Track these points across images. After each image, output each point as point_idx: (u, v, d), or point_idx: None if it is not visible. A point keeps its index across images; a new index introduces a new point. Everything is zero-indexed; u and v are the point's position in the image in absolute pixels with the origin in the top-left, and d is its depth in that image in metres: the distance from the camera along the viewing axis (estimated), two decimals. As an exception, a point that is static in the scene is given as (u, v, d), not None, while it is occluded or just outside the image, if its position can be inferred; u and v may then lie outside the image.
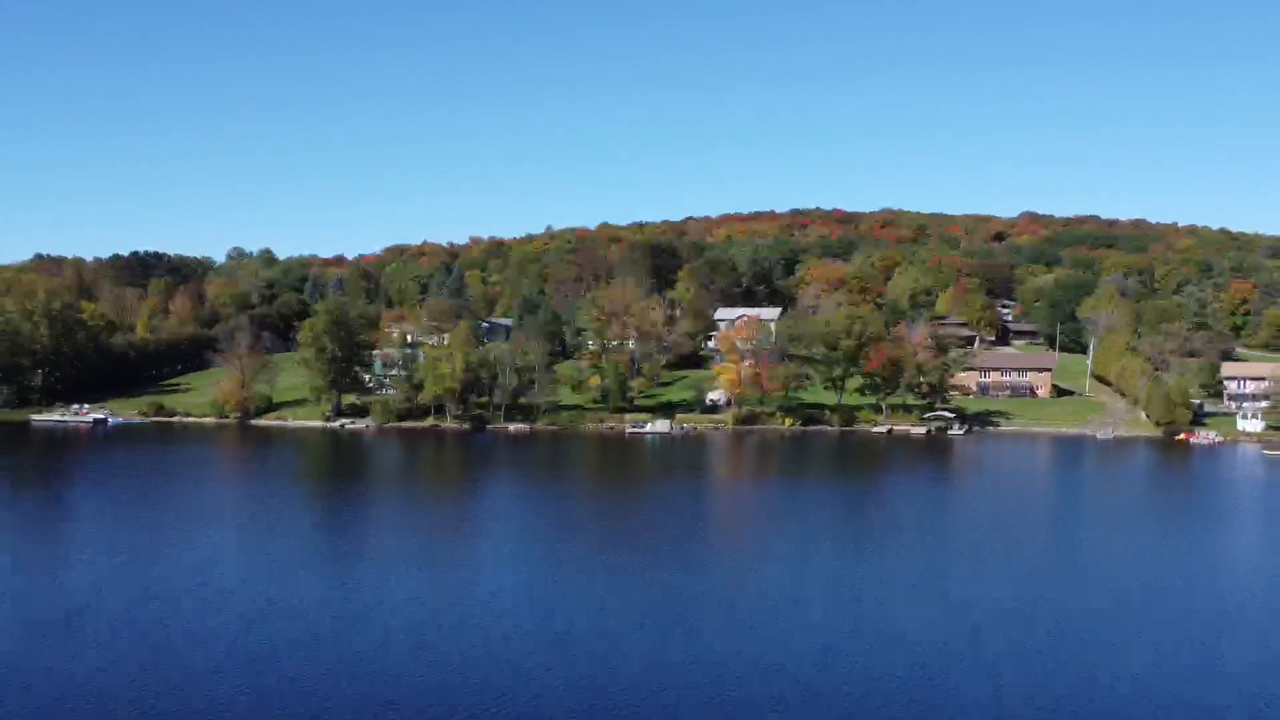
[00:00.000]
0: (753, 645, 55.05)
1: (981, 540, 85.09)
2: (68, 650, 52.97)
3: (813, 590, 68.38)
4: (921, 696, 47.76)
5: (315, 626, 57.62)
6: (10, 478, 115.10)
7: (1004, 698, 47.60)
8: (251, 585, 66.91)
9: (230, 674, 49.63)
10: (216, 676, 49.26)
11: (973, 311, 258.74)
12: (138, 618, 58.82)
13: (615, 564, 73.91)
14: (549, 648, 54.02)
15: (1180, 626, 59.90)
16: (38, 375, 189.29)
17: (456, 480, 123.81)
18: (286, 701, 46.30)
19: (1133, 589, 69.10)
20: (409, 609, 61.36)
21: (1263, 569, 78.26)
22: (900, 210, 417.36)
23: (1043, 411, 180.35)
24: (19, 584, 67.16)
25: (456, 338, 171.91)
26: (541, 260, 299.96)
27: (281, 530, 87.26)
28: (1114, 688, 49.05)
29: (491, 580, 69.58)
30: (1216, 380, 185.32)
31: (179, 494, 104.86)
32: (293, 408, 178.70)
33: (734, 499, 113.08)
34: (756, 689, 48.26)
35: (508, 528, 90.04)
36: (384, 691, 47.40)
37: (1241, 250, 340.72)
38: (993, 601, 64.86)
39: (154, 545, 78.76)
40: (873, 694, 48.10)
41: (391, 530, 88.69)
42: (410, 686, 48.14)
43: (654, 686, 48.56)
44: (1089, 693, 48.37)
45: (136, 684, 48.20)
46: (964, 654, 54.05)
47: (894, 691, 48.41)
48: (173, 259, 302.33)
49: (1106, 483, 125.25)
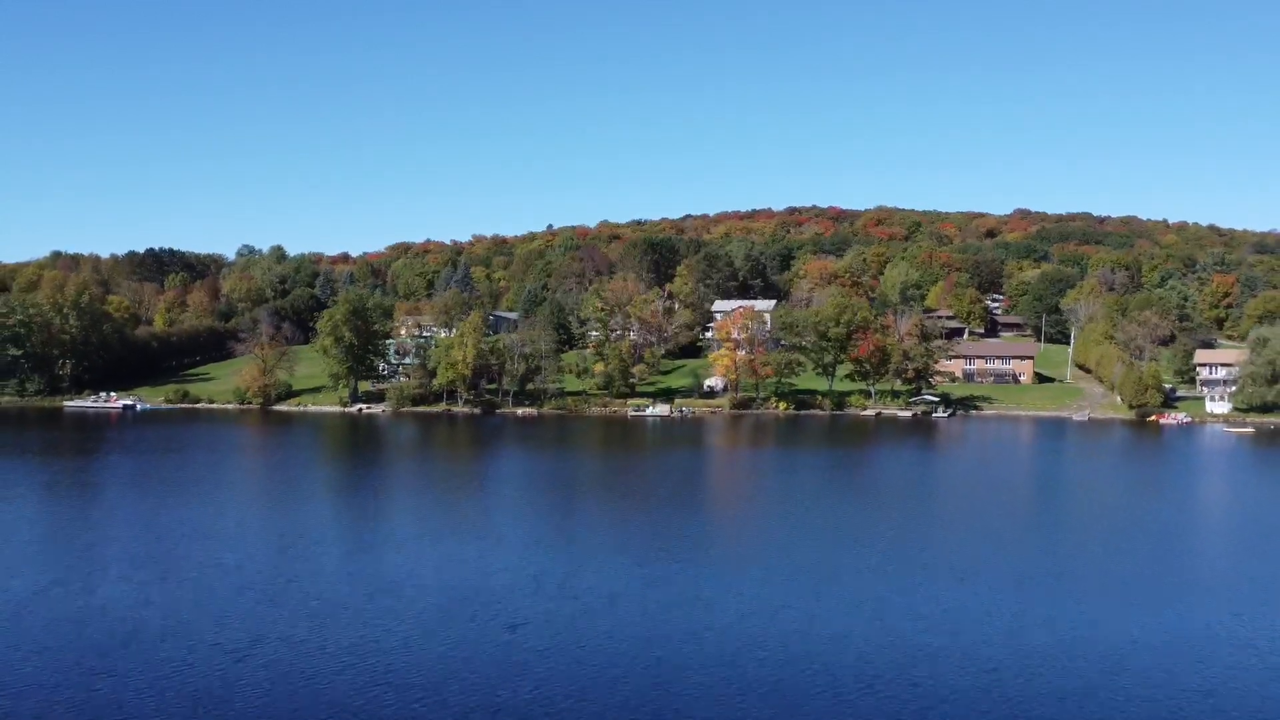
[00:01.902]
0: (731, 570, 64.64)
1: (961, 483, 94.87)
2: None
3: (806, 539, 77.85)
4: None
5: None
6: (77, 453, 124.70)
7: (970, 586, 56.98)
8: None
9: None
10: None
11: (962, 305, 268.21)
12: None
13: (627, 510, 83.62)
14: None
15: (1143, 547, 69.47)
16: (67, 365, 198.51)
17: (475, 450, 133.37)
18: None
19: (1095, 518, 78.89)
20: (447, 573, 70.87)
21: (1214, 508, 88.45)
22: (894, 208, 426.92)
23: (1024, 396, 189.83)
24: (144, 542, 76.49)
25: (468, 326, 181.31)
26: (545, 256, 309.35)
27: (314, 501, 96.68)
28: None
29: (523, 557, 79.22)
30: (1190, 366, 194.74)
31: (258, 466, 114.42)
32: (311, 394, 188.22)
33: (731, 460, 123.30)
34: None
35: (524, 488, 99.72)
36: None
37: (1227, 246, 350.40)
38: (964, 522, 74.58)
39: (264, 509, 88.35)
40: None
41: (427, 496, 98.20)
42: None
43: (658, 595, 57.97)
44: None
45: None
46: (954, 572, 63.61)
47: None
48: (187, 256, 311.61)
49: (1078, 450, 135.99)
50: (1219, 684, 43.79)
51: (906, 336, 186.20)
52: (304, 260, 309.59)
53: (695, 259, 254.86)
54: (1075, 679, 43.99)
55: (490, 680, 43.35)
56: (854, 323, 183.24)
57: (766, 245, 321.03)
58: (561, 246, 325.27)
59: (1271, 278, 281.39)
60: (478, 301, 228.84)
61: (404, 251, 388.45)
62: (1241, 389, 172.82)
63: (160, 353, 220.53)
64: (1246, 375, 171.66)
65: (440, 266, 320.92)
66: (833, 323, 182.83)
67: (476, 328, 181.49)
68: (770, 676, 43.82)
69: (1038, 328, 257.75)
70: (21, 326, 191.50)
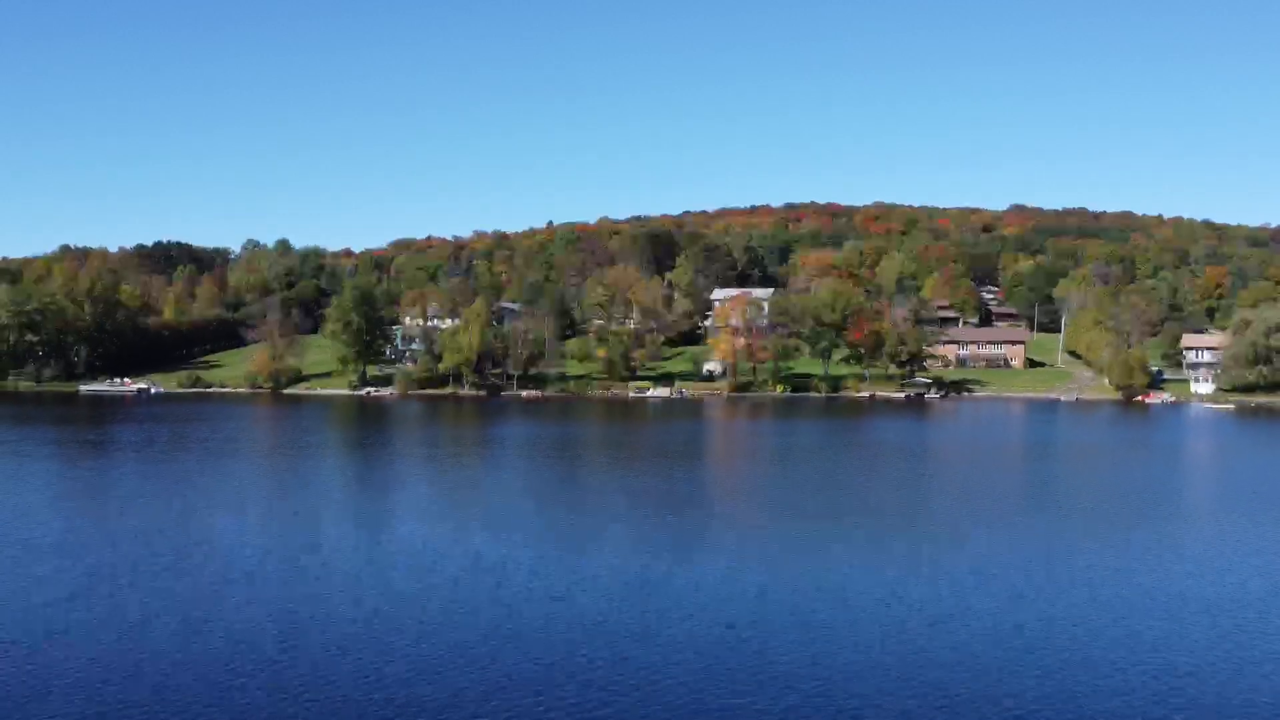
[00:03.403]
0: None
1: (953, 443, 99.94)
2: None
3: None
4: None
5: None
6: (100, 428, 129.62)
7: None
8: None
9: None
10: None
11: (958, 295, 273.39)
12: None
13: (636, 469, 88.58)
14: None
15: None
16: (81, 351, 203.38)
17: (483, 420, 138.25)
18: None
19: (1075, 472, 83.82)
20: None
21: (1191, 465, 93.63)
22: (892, 204, 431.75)
23: (1015, 380, 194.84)
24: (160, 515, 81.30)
25: (473, 312, 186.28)
26: (547, 250, 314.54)
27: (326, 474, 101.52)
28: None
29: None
30: (1177, 351, 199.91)
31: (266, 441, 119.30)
32: (320, 379, 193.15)
33: (730, 428, 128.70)
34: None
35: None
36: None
37: (1221, 240, 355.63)
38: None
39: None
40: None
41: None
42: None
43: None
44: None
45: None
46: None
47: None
48: (194, 249, 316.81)
49: (1067, 421, 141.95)
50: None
51: (901, 321, 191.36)
52: (309, 253, 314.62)
53: (694, 250, 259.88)
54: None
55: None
56: (849, 308, 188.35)
57: (765, 240, 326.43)
58: (562, 241, 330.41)
59: (1263, 270, 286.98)
60: (483, 288, 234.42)
61: (405, 247, 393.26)
62: (1225, 370, 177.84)
63: (171, 342, 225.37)
64: (1229, 356, 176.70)
65: (442, 260, 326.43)
66: (828, 308, 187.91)
67: (481, 313, 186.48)
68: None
69: (1031, 318, 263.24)
70: (37, 313, 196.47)
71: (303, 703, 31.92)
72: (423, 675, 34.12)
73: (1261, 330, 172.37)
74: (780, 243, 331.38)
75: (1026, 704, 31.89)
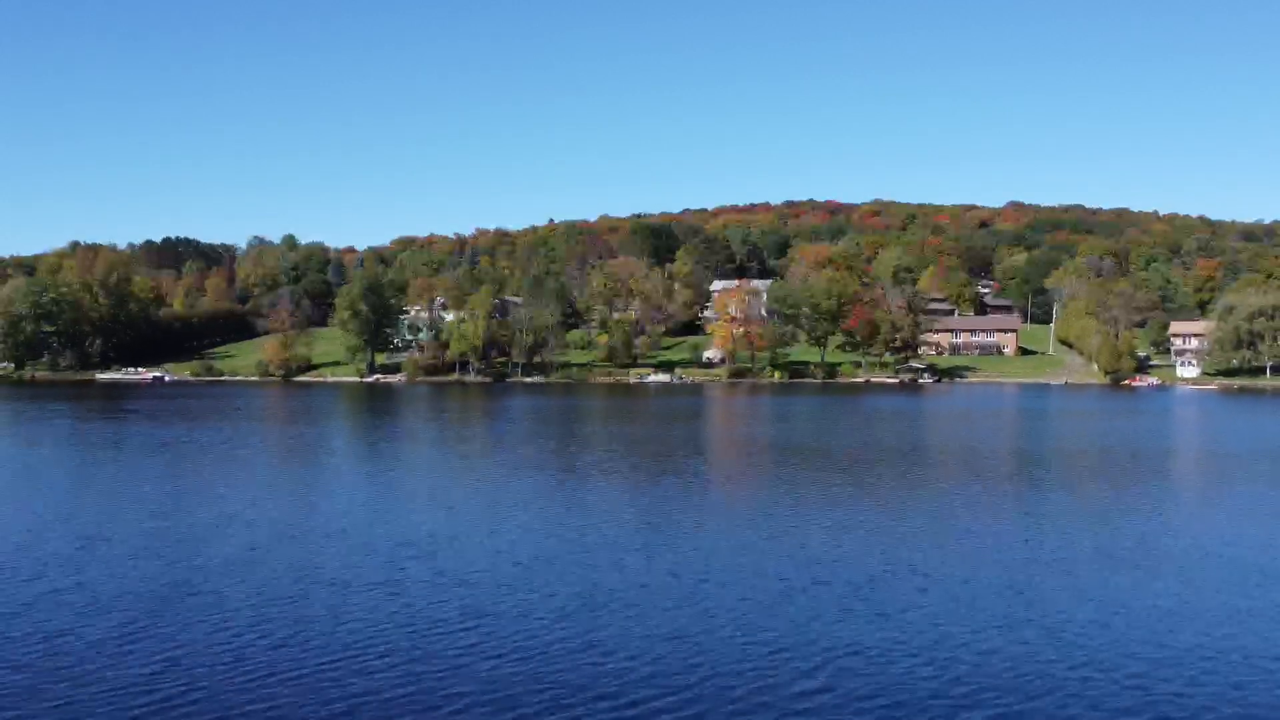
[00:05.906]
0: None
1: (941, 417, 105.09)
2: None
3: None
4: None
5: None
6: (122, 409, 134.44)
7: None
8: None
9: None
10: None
11: (953, 288, 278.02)
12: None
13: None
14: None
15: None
16: (96, 342, 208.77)
17: (490, 400, 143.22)
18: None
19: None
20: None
21: (1175, 430, 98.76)
22: (890, 201, 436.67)
23: (1007, 366, 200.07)
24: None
25: (478, 300, 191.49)
26: (549, 244, 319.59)
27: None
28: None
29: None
30: (1165, 339, 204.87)
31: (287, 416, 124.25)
32: (330, 367, 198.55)
33: (730, 403, 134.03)
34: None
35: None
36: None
37: (1215, 235, 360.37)
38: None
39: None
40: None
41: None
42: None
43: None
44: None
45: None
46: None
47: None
48: (202, 245, 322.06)
49: (1059, 398, 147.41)
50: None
51: (896, 309, 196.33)
52: (314, 249, 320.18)
53: (694, 242, 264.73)
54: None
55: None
56: (845, 296, 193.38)
57: (763, 235, 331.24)
58: (563, 236, 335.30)
59: (1255, 263, 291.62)
60: (487, 277, 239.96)
61: (408, 245, 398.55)
62: (1210, 354, 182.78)
63: (183, 333, 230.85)
64: (1214, 341, 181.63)
65: (445, 256, 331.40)
66: (825, 295, 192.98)
67: (485, 301, 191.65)
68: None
69: (1024, 309, 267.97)
70: (54, 304, 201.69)
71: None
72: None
73: (1245, 315, 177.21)
74: (779, 237, 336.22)
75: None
